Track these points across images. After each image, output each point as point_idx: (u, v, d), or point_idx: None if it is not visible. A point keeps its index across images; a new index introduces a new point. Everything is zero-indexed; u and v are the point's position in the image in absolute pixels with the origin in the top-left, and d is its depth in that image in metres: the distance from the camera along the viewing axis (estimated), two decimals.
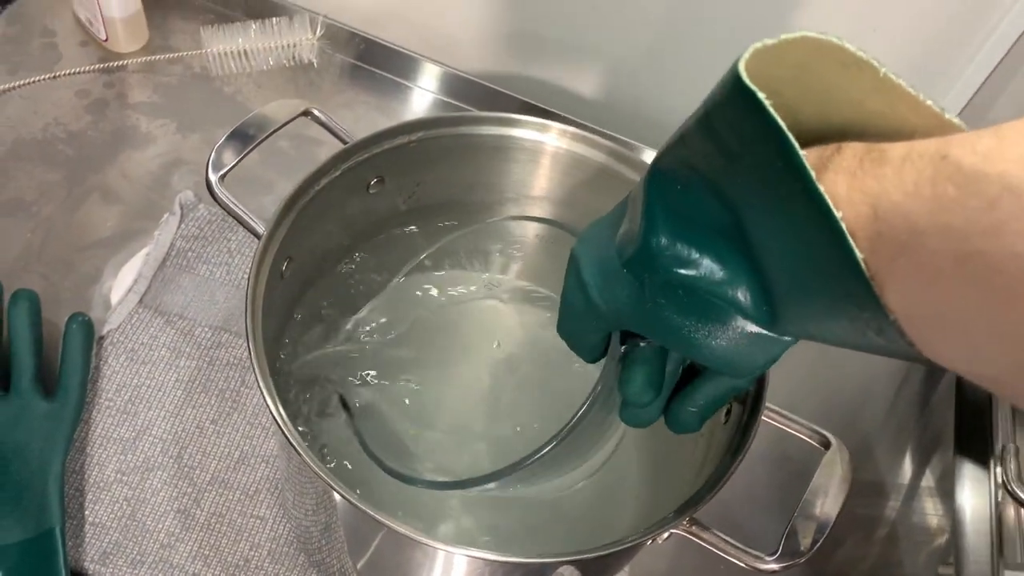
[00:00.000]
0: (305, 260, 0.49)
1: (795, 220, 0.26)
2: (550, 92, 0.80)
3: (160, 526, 0.55)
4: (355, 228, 0.52)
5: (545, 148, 0.51)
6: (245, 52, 0.76)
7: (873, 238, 0.24)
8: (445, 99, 0.80)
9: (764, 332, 0.30)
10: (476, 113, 0.52)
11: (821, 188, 0.24)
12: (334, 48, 0.79)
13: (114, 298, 0.63)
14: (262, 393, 0.39)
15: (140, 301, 0.63)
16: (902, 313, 0.24)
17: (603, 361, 0.38)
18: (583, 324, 0.37)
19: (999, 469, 0.53)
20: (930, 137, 0.24)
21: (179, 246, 0.65)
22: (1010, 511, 0.53)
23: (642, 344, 0.36)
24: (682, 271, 0.30)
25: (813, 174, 0.24)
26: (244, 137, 0.49)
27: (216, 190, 0.46)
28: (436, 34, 0.80)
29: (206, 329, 0.62)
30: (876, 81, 0.26)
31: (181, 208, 0.67)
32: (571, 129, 0.50)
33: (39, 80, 0.74)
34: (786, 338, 0.31)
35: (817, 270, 0.26)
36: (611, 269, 0.33)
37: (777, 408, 0.44)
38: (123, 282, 0.64)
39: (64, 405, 0.55)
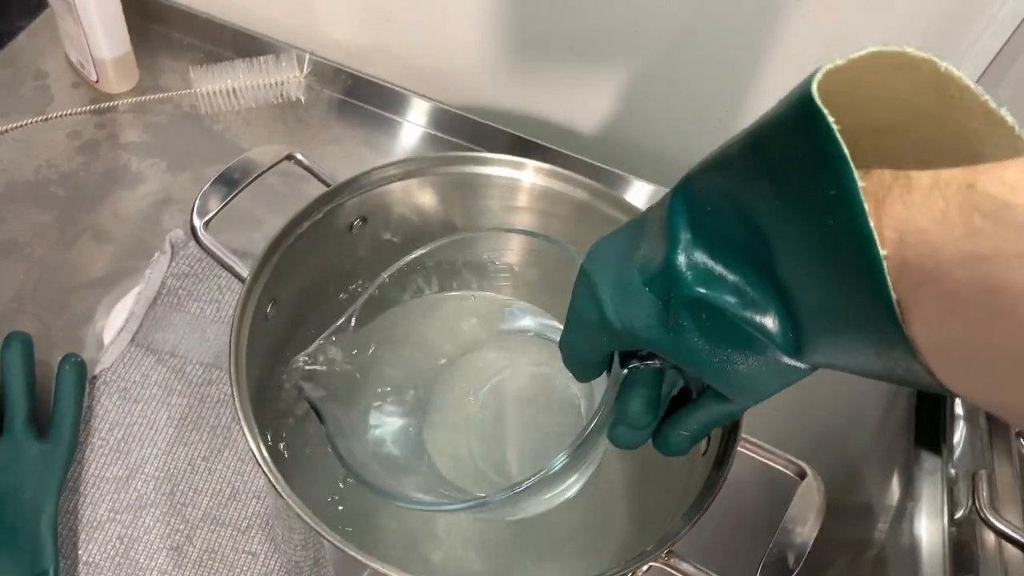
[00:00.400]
0: (289, 301, 0.50)
1: (833, 252, 0.25)
2: (538, 124, 0.82)
3: (153, 564, 0.56)
4: (339, 268, 0.53)
5: (522, 184, 0.52)
6: (234, 90, 0.77)
7: (899, 265, 0.24)
8: (433, 132, 0.81)
9: (784, 360, 0.30)
10: (452, 154, 0.53)
11: (872, 224, 0.24)
12: (321, 84, 0.81)
13: (107, 337, 0.64)
14: (246, 437, 0.40)
15: (132, 340, 0.64)
16: (924, 342, 0.24)
17: (579, 385, 0.39)
18: (590, 341, 0.36)
19: (970, 496, 0.53)
20: (996, 155, 0.24)
21: (170, 284, 0.66)
22: (976, 535, 0.54)
23: (643, 366, 0.36)
24: (708, 292, 0.30)
25: (867, 208, 0.24)
26: (229, 182, 0.50)
27: (201, 236, 0.47)
28: (422, 69, 0.81)
29: (197, 366, 0.63)
30: (939, 83, 0.26)
31: (171, 246, 0.68)
32: (546, 166, 0.51)
33: (32, 123, 0.75)
34: (803, 367, 0.30)
35: (848, 303, 0.26)
36: (630, 287, 0.32)
37: (754, 439, 0.45)
38: (115, 321, 0.65)
39: (57, 446, 0.56)
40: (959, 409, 0.60)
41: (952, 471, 0.51)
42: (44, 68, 0.79)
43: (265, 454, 0.40)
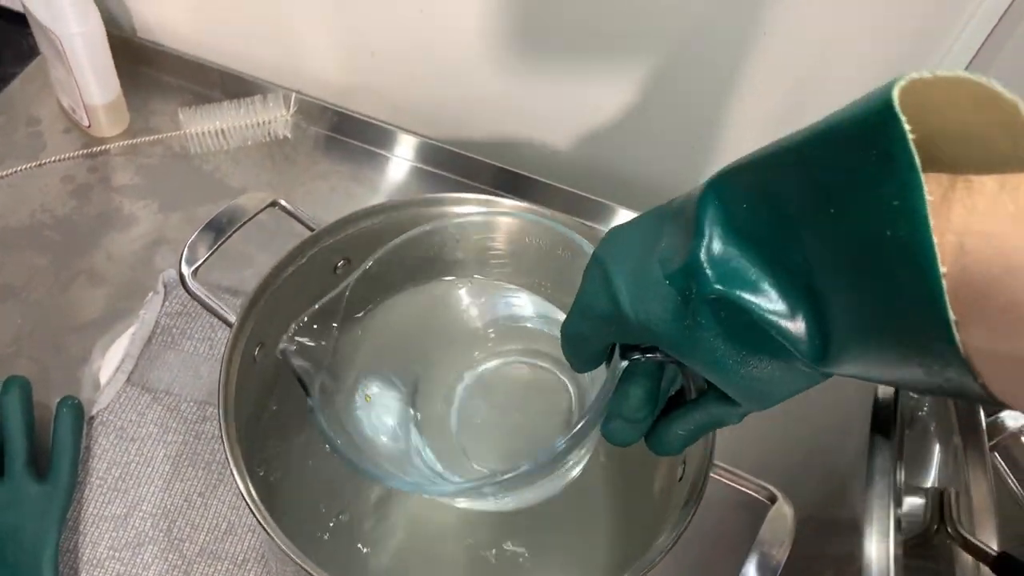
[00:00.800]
0: (277, 343, 0.51)
1: (885, 266, 0.24)
2: (521, 155, 0.84)
3: None
4: None
5: (499, 222, 0.54)
6: (222, 131, 0.79)
7: (958, 276, 0.23)
8: (419, 166, 0.83)
9: (804, 367, 0.29)
10: (429, 196, 0.54)
11: (935, 240, 0.22)
12: (308, 122, 0.83)
13: (103, 378, 0.66)
14: (236, 481, 0.42)
15: (128, 379, 0.65)
16: (980, 356, 0.23)
17: (571, 379, 0.40)
18: (596, 331, 0.35)
19: (938, 513, 0.55)
20: None
21: (164, 323, 0.68)
22: (947, 554, 0.55)
23: (644, 358, 0.36)
24: (733, 291, 0.29)
25: (932, 223, 0.22)
26: (217, 228, 0.52)
27: (189, 284, 0.49)
28: (407, 104, 0.83)
29: (191, 404, 0.65)
30: (1015, 127, 0.25)
31: (164, 286, 0.70)
32: (522, 204, 0.53)
33: (25, 168, 0.77)
34: (823, 374, 0.29)
35: (897, 320, 0.25)
36: (649, 279, 0.31)
37: (725, 465, 0.47)
38: (111, 362, 0.67)
39: (56, 487, 0.58)
40: (932, 426, 0.62)
41: (901, 486, 0.52)
42: (37, 114, 0.81)
43: (255, 495, 0.42)
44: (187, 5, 0.82)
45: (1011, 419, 0.59)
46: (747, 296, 0.29)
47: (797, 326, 0.28)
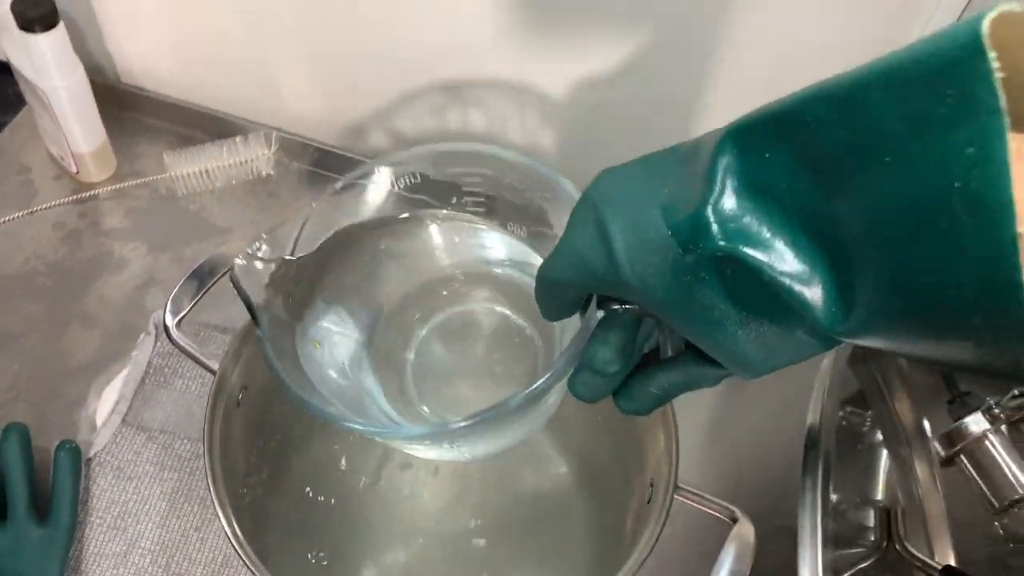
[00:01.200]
0: (259, 384, 0.54)
1: (946, 223, 0.22)
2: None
3: None
4: None
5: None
6: (207, 171, 0.82)
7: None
8: (400, 192, 0.85)
9: (807, 336, 0.27)
10: (381, 216, 0.56)
11: (1016, 201, 0.20)
12: (289, 158, 0.85)
13: (99, 419, 0.69)
14: (222, 524, 0.44)
15: (123, 420, 0.68)
16: None
17: (538, 329, 0.40)
18: (579, 279, 0.32)
19: (885, 530, 0.56)
20: None
21: (156, 364, 0.71)
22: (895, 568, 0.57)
23: (622, 309, 0.34)
24: (745, 248, 0.26)
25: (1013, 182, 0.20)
26: (199, 278, 0.55)
27: (173, 335, 0.52)
28: (384, 136, 0.86)
29: (185, 441, 0.67)
30: None
31: (155, 327, 0.72)
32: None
33: (18, 217, 0.79)
34: (832, 342, 0.27)
35: (949, 288, 0.22)
36: (649, 228, 0.29)
37: (689, 487, 0.49)
38: (106, 403, 0.69)
39: (57, 529, 0.60)
40: (877, 439, 0.64)
41: (833, 501, 0.54)
42: (27, 162, 0.84)
43: (240, 536, 0.44)
44: (168, 51, 0.85)
45: (974, 424, 0.61)
46: (759, 255, 0.27)
47: (814, 291, 0.26)
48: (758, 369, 0.30)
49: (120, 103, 0.87)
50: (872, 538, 0.58)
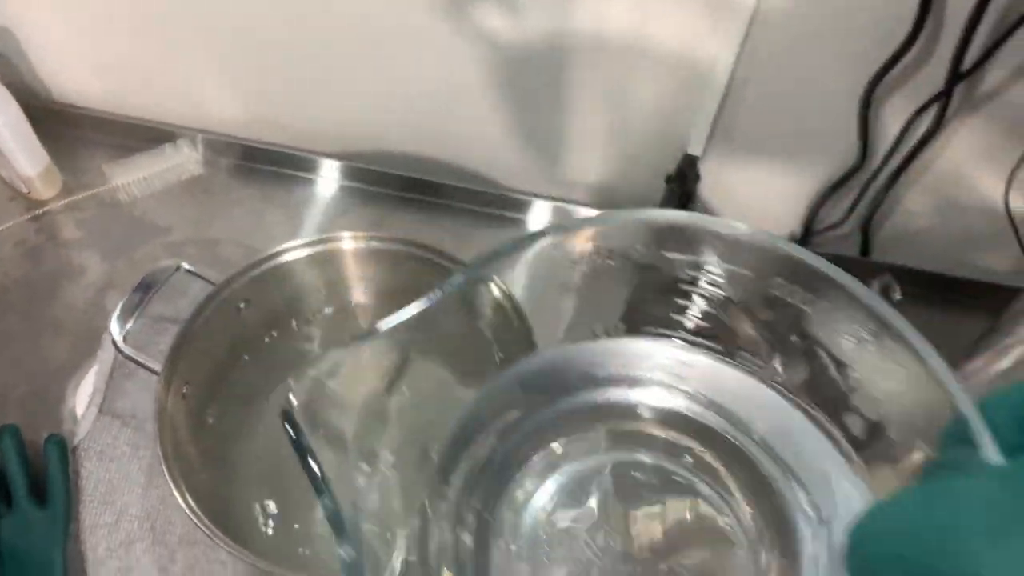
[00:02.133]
0: (201, 377, 0.65)
1: None
2: (419, 161, 0.96)
3: None
4: (237, 339, 0.69)
5: (344, 250, 0.67)
6: (145, 178, 0.91)
7: None
8: (326, 179, 0.95)
9: None
10: (308, 239, 0.67)
11: None
12: (217, 156, 0.95)
13: (79, 412, 0.80)
14: (175, 495, 0.56)
15: (100, 410, 0.79)
16: None
17: None
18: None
19: None
20: None
21: (119, 358, 0.82)
22: None
23: None
24: None
25: None
26: (144, 290, 0.65)
27: (120, 347, 0.62)
28: (304, 129, 0.95)
29: (153, 423, 0.79)
30: None
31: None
32: (360, 233, 0.66)
33: None
34: None
35: None
36: None
37: None
38: (83, 397, 0.81)
39: (55, 510, 0.72)
40: None
41: None
42: None
43: (192, 503, 0.56)
44: (94, 71, 0.93)
45: None
46: None
47: None
48: None
49: (57, 120, 0.96)
50: None
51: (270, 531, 0.68)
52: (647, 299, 0.33)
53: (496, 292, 0.33)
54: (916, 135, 0.75)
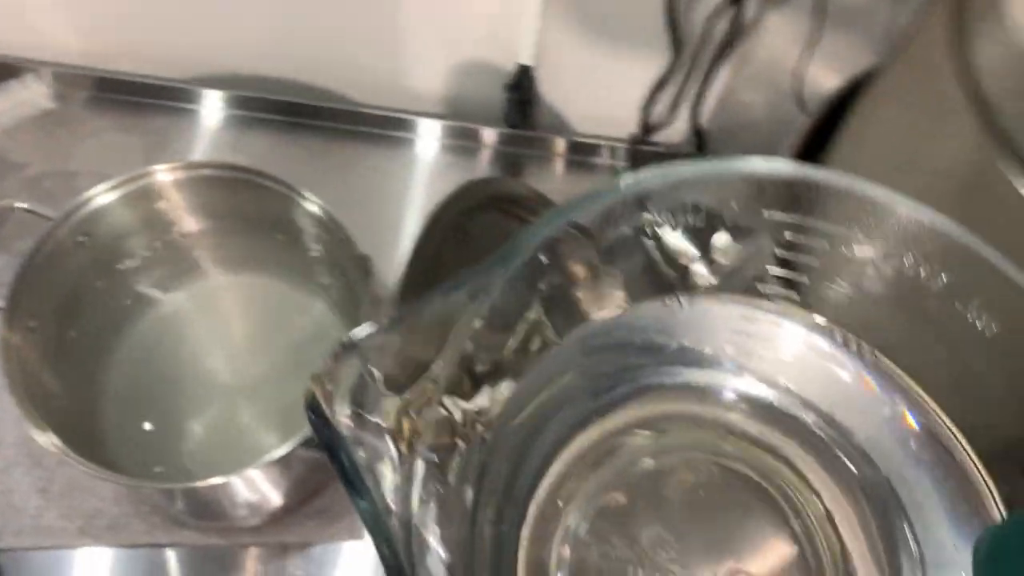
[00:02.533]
0: (46, 311, 0.68)
1: None
2: (256, 79, 0.97)
3: (29, 504, 0.77)
4: (78, 274, 0.72)
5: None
6: None
7: None
8: (183, 106, 0.97)
9: None
10: (142, 170, 0.70)
11: None
12: (67, 89, 0.95)
13: None
14: (26, 425, 0.60)
15: None
16: None
17: None
18: None
19: None
20: None
21: None
22: None
23: None
24: None
25: None
26: None
27: None
28: (147, 55, 0.96)
29: None
30: None
31: None
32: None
33: None
34: None
35: None
36: None
37: None
38: None
39: None
40: None
41: None
42: None
43: (55, 439, 0.60)
44: None
45: None
46: None
47: None
48: None
49: None
50: None
51: (146, 451, 0.73)
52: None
53: None
54: (723, 28, 0.79)
